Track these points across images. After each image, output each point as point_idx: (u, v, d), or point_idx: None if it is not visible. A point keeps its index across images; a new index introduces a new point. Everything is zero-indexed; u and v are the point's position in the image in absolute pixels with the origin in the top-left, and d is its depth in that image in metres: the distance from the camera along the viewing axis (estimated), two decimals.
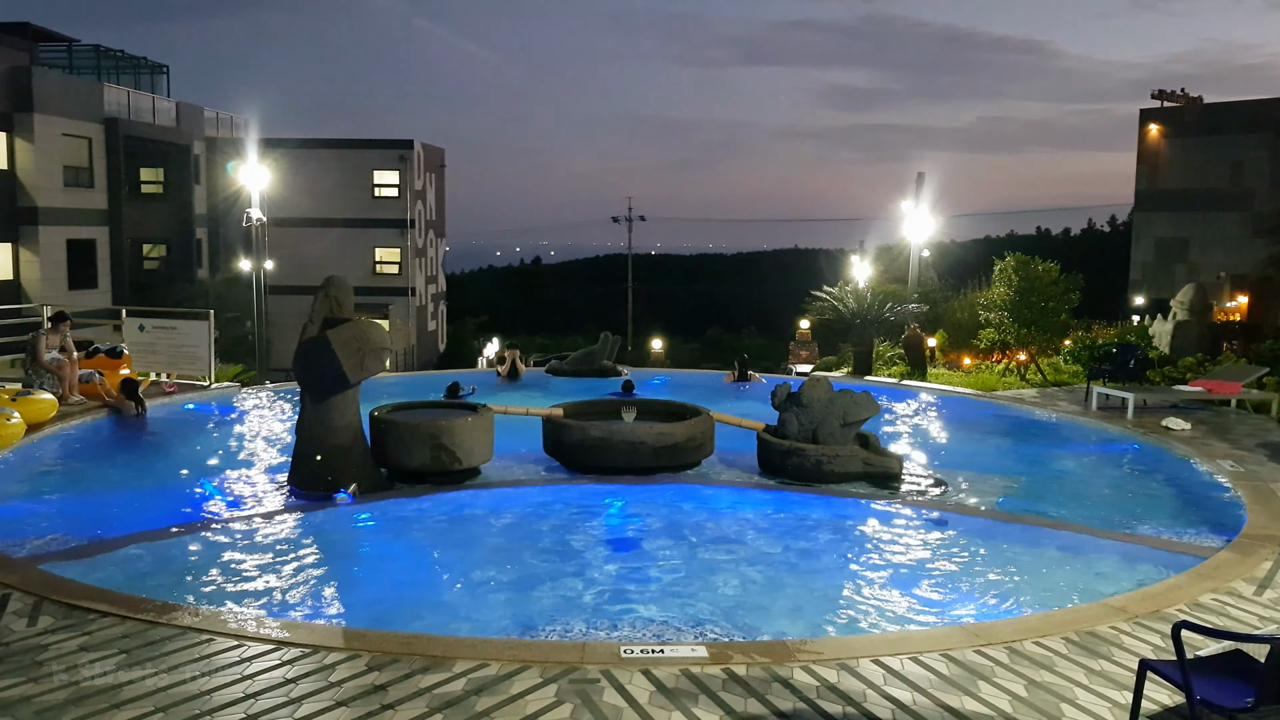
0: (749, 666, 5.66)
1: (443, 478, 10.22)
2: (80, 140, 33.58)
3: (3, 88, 30.28)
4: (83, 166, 33.82)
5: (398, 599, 7.36)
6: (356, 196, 45.04)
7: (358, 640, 5.93)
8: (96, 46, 40.12)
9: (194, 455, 11.78)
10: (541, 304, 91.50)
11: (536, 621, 6.89)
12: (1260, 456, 11.50)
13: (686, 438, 10.77)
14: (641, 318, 66.02)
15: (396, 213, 45.39)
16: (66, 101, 32.54)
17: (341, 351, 9.53)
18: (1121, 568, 8.12)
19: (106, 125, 34.61)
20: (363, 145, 45.81)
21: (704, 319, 75.87)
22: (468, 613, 7.12)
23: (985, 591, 7.66)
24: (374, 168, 45.34)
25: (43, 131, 31.45)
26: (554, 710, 5.09)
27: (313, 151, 44.71)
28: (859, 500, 9.88)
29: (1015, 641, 6.09)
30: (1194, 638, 5.83)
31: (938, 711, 5.20)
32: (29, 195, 31.26)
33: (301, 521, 8.97)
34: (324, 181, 44.24)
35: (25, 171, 31.25)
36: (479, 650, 5.80)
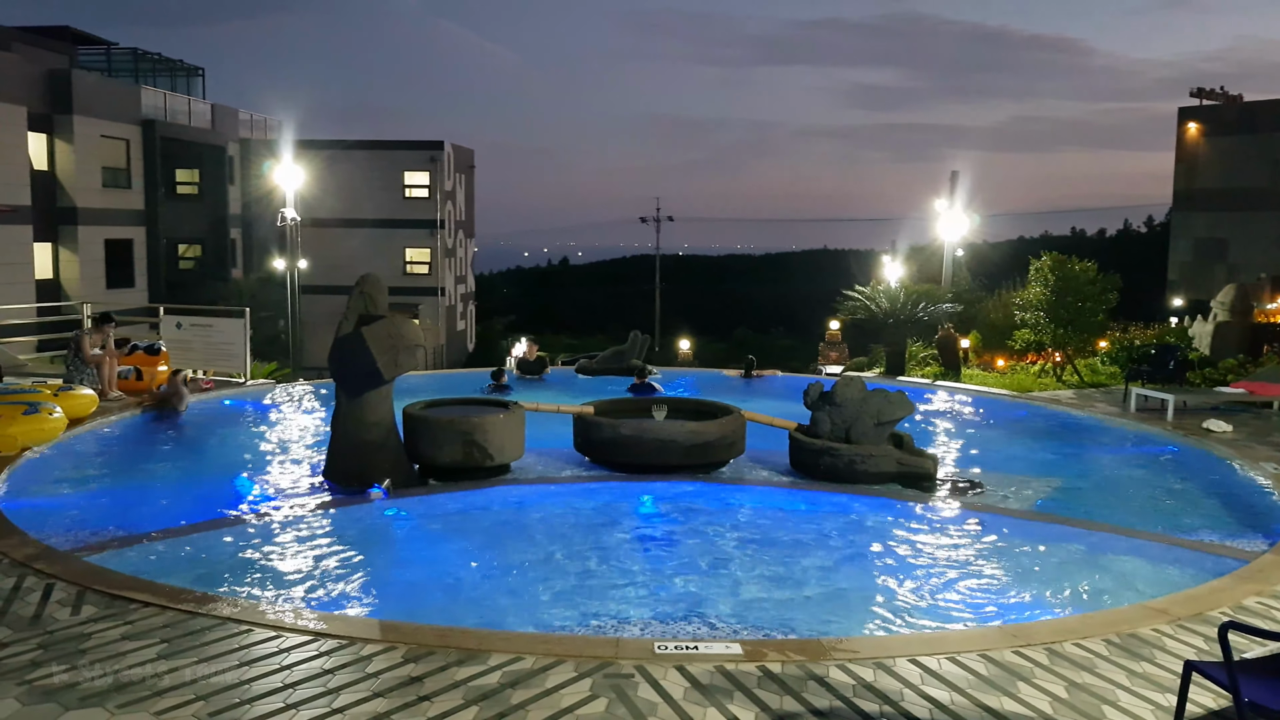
0: (784, 664, 5.63)
1: (475, 474, 10.25)
2: (118, 142, 34.06)
3: (43, 90, 30.74)
4: (120, 167, 34.30)
5: (431, 593, 7.39)
6: (387, 197, 45.36)
7: (393, 632, 5.96)
8: (134, 50, 40.68)
9: (231, 450, 11.89)
10: (568, 304, 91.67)
11: (568, 617, 6.90)
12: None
13: (718, 436, 10.75)
14: (669, 318, 65.95)
15: (427, 213, 45.67)
16: (105, 104, 33.00)
17: (376, 348, 9.59)
18: (1161, 570, 8.01)
19: (144, 127, 35.08)
20: (394, 146, 46.16)
21: (731, 320, 75.72)
22: (500, 608, 7.14)
23: (1022, 592, 7.59)
24: (405, 169, 45.65)
25: (82, 133, 31.92)
26: (589, 704, 5.09)
27: (344, 153, 45.09)
28: (893, 500, 9.80)
29: (1054, 643, 6.02)
30: (1239, 641, 5.77)
31: (976, 712, 5.15)
32: (68, 196, 31.74)
33: (336, 516, 9.03)
34: (355, 182, 44.58)
35: (65, 172, 31.73)
36: (513, 644, 5.81)
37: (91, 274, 32.31)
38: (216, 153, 40.28)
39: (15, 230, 28.46)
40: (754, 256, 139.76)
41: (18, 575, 6.86)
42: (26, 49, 31.99)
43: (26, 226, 28.99)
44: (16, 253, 28.43)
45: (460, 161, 49.29)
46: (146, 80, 40.31)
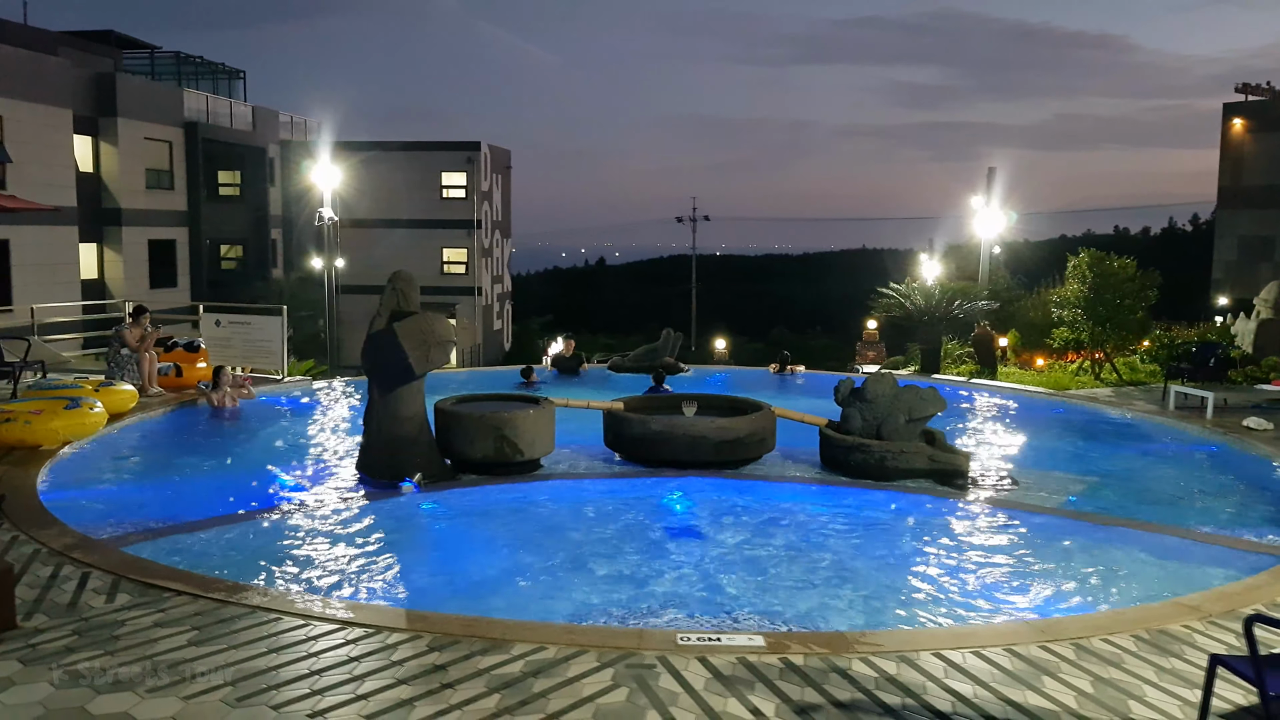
0: (806, 656, 5.62)
1: (506, 469, 10.31)
2: (161, 144, 34.61)
3: (88, 93, 31.31)
4: (163, 169, 34.85)
5: (461, 585, 7.45)
6: (425, 197, 45.65)
7: (420, 622, 6.02)
8: (177, 53, 41.26)
9: (267, 444, 12.06)
10: (605, 304, 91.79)
11: (595, 610, 6.93)
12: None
13: (748, 432, 10.73)
14: (706, 318, 65.78)
15: (464, 214, 45.91)
16: (148, 106, 33.55)
17: (408, 344, 9.69)
18: (1196, 567, 7.90)
19: (186, 129, 35.62)
20: (431, 147, 46.42)
21: (769, 319, 75.45)
22: (528, 600, 7.19)
23: (1053, 589, 7.52)
24: (442, 169, 45.90)
25: (126, 135, 32.47)
26: (610, 694, 5.11)
27: (382, 154, 45.46)
28: (924, 496, 9.75)
29: (1083, 638, 5.96)
30: (1269, 638, 5.69)
31: (1000, 705, 5.11)
32: (113, 197, 32.31)
33: (368, 509, 9.13)
34: (393, 183, 44.92)
35: (109, 174, 32.30)
36: (537, 634, 5.85)
37: (135, 274, 32.86)
38: (257, 154, 40.80)
39: (61, 231, 28.98)
40: (792, 256, 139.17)
41: (55, 564, 7.01)
42: (72, 53, 32.59)
43: (72, 227, 29.49)
44: (62, 253, 28.95)
45: (497, 162, 49.50)
46: (189, 83, 40.85)
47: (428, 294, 48.08)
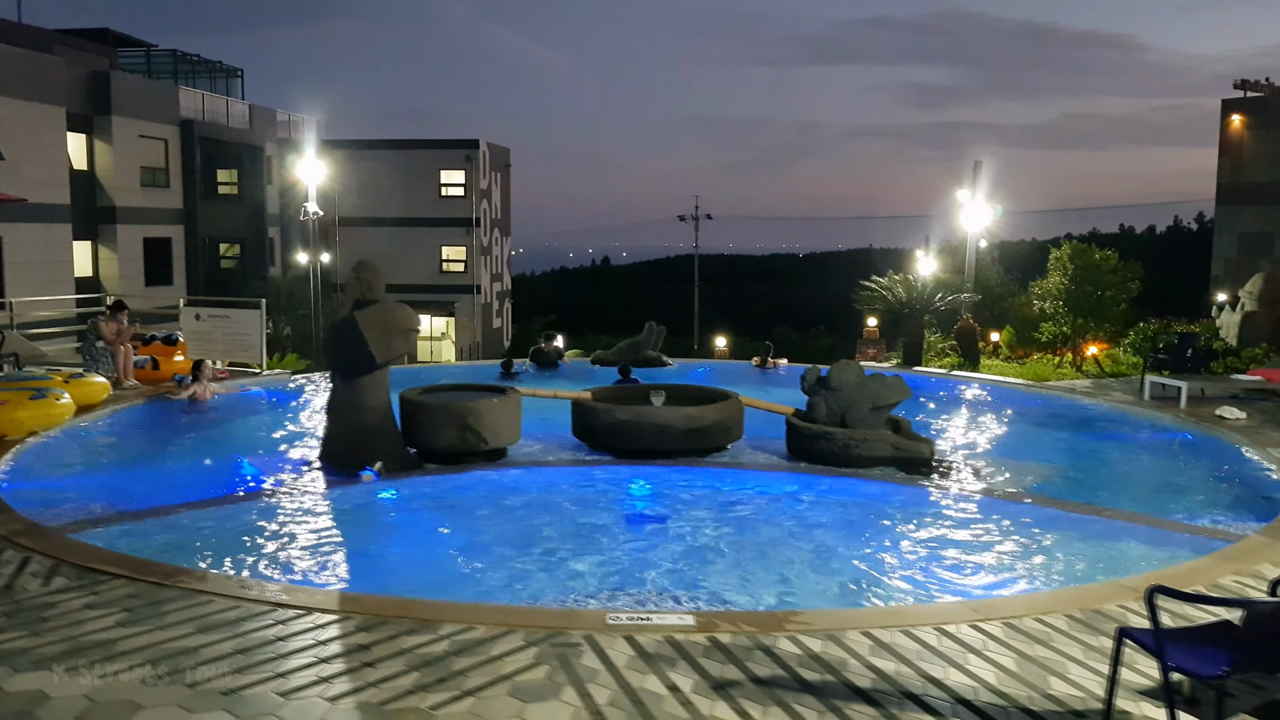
0: (734, 635, 5.61)
1: (471, 458, 10.32)
2: (157, 142, 34.67)
3: (83, 91, 31.38)
4: (159, 167, 34.92)
5: (410, 570, 7.47)
6: (423, 196, 45.72)
7: (352, 604, 6.03)
8: (173, 51, 41.35)
9: (235, 436, 12.09)
10: (609, 303, 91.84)
11: (545, 594, 6.94)
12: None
13: (714, 421, 10.73)
14: (710, 317, 65.72)
15: (462, 211, 45.97)
16: (143, 104, 33.62)
17: (369, 332, 9.70)
18: (1150, 551, 7.88)
19: (182, 127, 35.67)
20: (429, 145, 46.50)
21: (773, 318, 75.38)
22: (477, 584, 7.21)
23: (1003, 572, 7.51)
24: (440, 167, 45.95)
25: (120, 133, 32.53)
26: (530, 671, 5.11)
27: (381, 152, 45.62)
28: (883, 483, 9.74)
29: (1015, 617, 5.94)
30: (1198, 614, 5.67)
31: (920, 682, 5.10)
32: (107, 195, 32.37)
33: (325, 497, 9.16)
34: (392, 181, 45.03)
35: (104, 172, 32.37)
36: (468, 614, 5.85)
37: (130, 272, 32.92)
38: (254, 153, 40.86)
39: (55, 229, 29.07)
40: (798, 256, 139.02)
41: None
42: (67, 51, 32.69)
43: (66, 225, 29.60)
44: (56, 251, 29.04)
45: (496, 160, 49.54)
46: (185, 82, 40.95)
47: (426, 292, 48.16)
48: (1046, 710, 4.83)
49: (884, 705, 4.85)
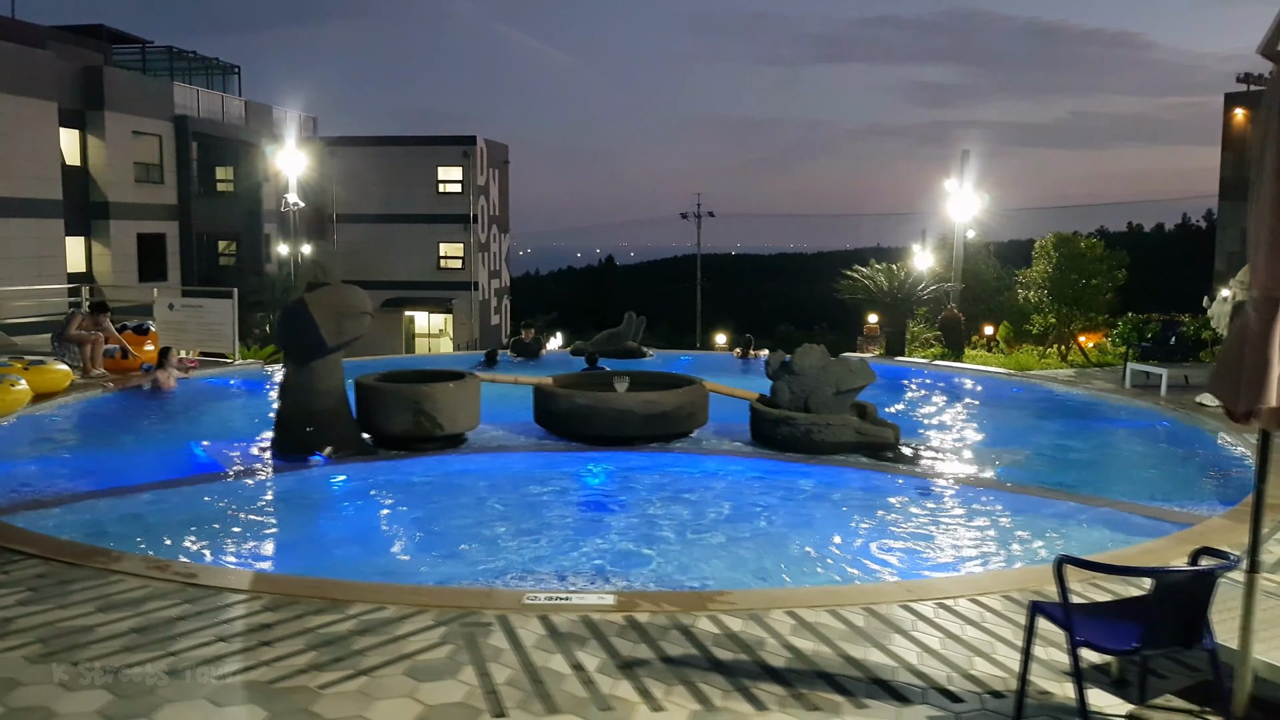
0: (654, 615, 5.43)
1: (427, 444, 10.13)
2: (151, 138, 34.56)
3: (76, 87, 31.29)
4: (153, 163, 34.80)
5: (349, 554, 7.28)
6: (421, 192, 45.48)
7: (265, 583, 5.86)
8: (169, 48, 41.29)
9: (193, 423, 11.92)
10: (613, 302, 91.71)
11: (483, 577, 6.74)
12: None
13: (675, 406, 10.52)
14: (717, 315, 65.47)
15: (460, 208, 45.76)
16: (137, 100, 33.51)
17: (319, 315, 9.53)
18: (1109, 534, 7.67)
19: (176, 123, 35.57)
20: (427, 142, 46.27)
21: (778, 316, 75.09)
22: (416, 568, 7.04)
23: (955, 554, 7.30)
24: (438, 164, 45.73)
25: (114, 129, 32.43)
26: (432, 651, 4.94)
27: (379, 149, 45.46)
28: (841, 468, 9.53)
29: (950, 598, 5.73)
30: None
31: (837, 661, 4.90)
32: (100, 191, 32.28)
33: (270, 482, 8.99)
34: (390, 178, 44.84)
35: (97, 168, 32.28)
36: (383, 594, 5.68)
37: (124, 267, 32.82)
38: (250, 149, 40.77)
39: (47, 224, 29.01)
40: (806, 255, 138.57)
41: None
42: (60, 47, 32.62)
43: (58, 220, 29.54)
44: (49, 246, 28.98)
45: (494, 156, 49.34)
46: (182, 78, 40.88)
47: (424, 289, 47.91)
48: (964, 690, 4.63)
49: (793, 684, 4.65)
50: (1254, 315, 3.99)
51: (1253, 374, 3.93)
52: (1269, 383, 3.89)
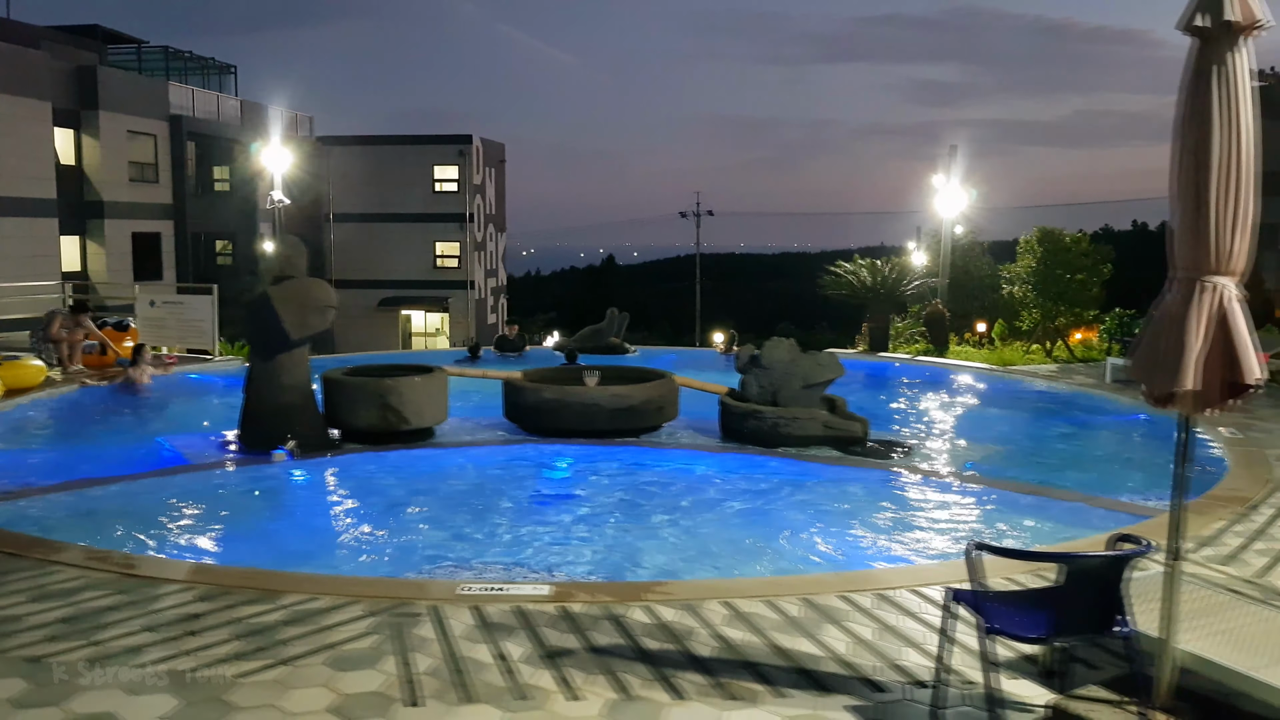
0: (588, 605, 5.37)
1: (394, 438, 10.09)
2: (146, 137, 34.54)
3: (70, 87, 31.28)
4: (148, 162, 34.77)
5: (302, 547, 7.24)
6: (417, 191, 45.39)
7: (201, 574, 5.82)
8: (165, 48, 41.30)
9: (163, 418, 11.90)
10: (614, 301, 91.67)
11: (431, 568, 6.70)
12: (1273, 426, 10.69)
13: (643, 400, 10.47)
14: (718, 314, 65.33)
15: (456, 207, 45.67)
16: (132, 100, 33.50)
17: (283, 308, 9.49)
18: (1069, 526, 7.60)
19: (171, 123, 35.57)
20: (423, 141, 46.19)
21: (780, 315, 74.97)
22: (365, 559, 7.01)
23: (910, 547, 7.25)
24: (434, 163, 45.63)
25: (108, 129, 32.41)
26: (357, 641, 4.89)
27: (375, 148, 45.43)
28: (805, 462, 9.49)
29: (891, 589, 5.67)
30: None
31: (765, 651, 4.85)
32: (95, 190, 32.28)
33: (230, 475, 8.97)
34: (385, 177, 44.77)
35: (92, 167, 32.27)
36: (317, 585, 5.64)
37: (119, 266, 32.82)
38: (246, 149, 40.78)
39: (41, 223, 29.02)
40: (809, 254, 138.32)
41: None
42: (55, 47, 32.64)
43: (52, 219, 29.55)
44: (43, 245, 28.98)
45: (490, 155, 49.25)
46: (178, 78, 40.87)
47: (420, 288, 47.73)
48: (889, 680, 4.58)
49: (717, 674, 4.60)
50: (1173, 298, 3.93)
51: (1171, 357, 3.86)
52: (1186, 366, 3.83)
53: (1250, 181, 3.78)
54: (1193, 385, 3.85)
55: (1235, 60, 3.71)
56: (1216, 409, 4.01)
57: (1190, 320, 3.80)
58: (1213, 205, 3.74)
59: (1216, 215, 3.76)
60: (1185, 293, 3.84)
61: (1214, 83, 3.71)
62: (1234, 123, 3.73)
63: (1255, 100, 3.76)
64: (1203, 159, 3.74)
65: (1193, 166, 3.76)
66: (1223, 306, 3.80)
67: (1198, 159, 3.75)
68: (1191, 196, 3.78)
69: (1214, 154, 3.72)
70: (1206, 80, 3.72)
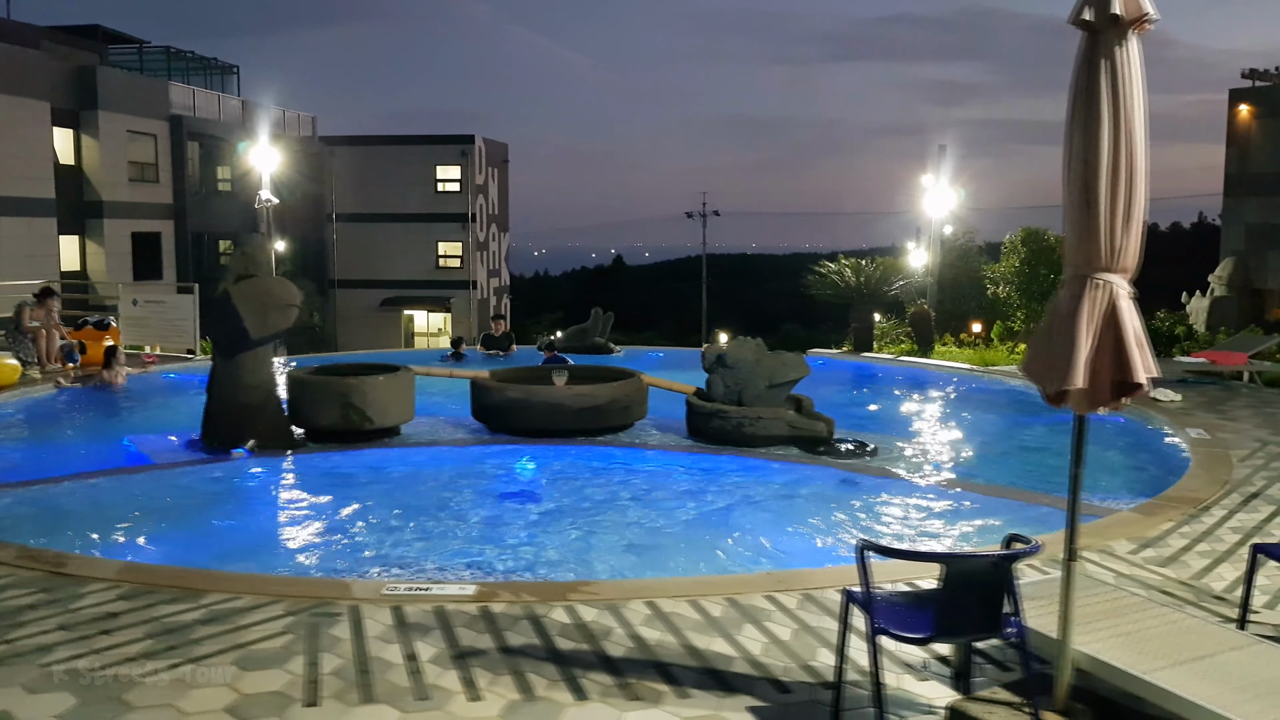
0: (510, 605, 5.35)
1: (358, 437, 10.07)
2: (146, 137, 34.65)
3: (69, 87, 31.41)
4: (148, 162, 34.89)
5: (246, 546, 7.23)
6: (419, 191, 45.43)
7: (128, 573, 5.81)
8: (167, 48, 41.45)
9: (133, 419, 11.90)
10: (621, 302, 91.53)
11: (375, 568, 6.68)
12: (1244, 427, 10.58)
13: (609, 400, 10.44)
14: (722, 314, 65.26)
15: (458, 207, 45.71)
16: (131, 99, 33.60)
17: (244, 307, 9.48)
18: (1018, 526, 7.49)
19: (172, 122, 35.69)
20: (426, 141, 46.23)
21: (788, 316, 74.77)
22: (310, 559, 6.98)
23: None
24: (436, 163, 45.68)
25: (108, 128, 32.52)
26: (269, 640, 4.88)
27: (377, 148, 45.52)
28: (766, 461, 9.45)
29: (819, 589, 5.63)
30: None
31: (678, 652, 4.81)
32: (94, 190, 32.40)
33: (186, 474, 8.96)
34: (388, 177, 44.83)
35: (91, 167, 32.39)
36: (241, 584, 5.62)
37: (118, 266, 32.91)
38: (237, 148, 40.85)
39: (40, 223, 29.13)
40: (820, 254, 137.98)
41: None
42: (54, 47, 32.78)
43: (51, 219, 29.67)
44: (41, 245, 29.09)
45: (493, 155, 49.25)
46: (180, 78, 40.98)
47: (422, 288, 47.69)
48: (797, 681, 4.55)
49: (624, 674, 4.57)
50: (1065, 295, 3.88)
51: (1062, 354, 3.81)
52: (1076, 363, 3.77)
53: (1141, 178, 3.73)
54: (1083, 384, 3.80)
55: (1124, 54, 3.66)
56: (1107, 408, 3.95)
57: (1080, 318, 3.75)
58: (1102, 202, 3.69)
59: (1106, 212, 3.70)
60: (1075, 290, 3.80)
61: (1103, 77, 3.66)
62: (1124, 118, 3.68)
63: (1145, 95, 3.70)
64: (1092, 155, 3.69)
65: (1082, 162, 3.71)
66: (1112, 304, 3.75)
67: (1087, 155, 3.70)
68: (1080, 192, 3.73)
69: (1103, 150, 3.67)
70: (1095, 75, 3.67)
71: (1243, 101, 43.31)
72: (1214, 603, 5.55)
